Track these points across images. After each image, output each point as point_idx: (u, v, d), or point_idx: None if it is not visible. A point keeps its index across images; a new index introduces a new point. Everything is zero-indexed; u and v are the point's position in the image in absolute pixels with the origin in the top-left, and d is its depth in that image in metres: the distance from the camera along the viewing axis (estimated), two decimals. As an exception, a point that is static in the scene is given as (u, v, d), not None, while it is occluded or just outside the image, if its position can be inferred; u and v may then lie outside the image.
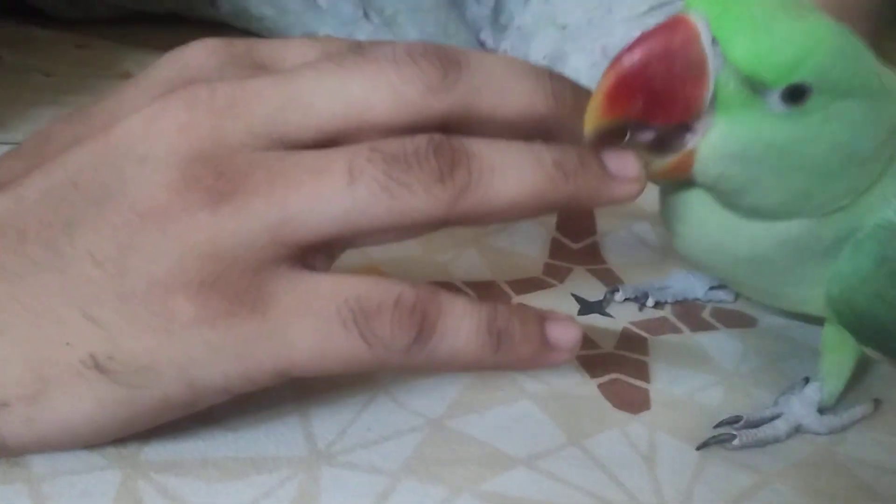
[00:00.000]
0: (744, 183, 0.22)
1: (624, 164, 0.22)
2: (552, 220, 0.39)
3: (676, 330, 0.32)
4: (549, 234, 0.38)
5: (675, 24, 0.21)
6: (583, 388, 0.28)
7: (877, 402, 0.28)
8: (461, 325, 0.20)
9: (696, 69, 0.21)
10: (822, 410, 0.27)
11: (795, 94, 0.21)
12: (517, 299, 0.32)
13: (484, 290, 0.32)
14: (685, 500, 0.24)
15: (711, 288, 0.33)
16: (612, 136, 0.22)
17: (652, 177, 0.23)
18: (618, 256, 0.36)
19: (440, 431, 0.25)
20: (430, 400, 0.26)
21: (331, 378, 0.26)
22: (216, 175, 0.19)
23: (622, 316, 0.32)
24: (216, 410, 0.22)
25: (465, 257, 0.34)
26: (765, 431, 0.26)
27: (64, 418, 0.19)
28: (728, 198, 0.23)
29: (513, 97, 0.22)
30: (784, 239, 0.24)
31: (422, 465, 0.23)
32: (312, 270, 0.21)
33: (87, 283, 0.19)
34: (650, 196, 0.26)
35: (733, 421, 0.26)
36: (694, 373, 0.30)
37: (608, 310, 0.32)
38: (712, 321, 0.33)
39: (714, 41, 0.20)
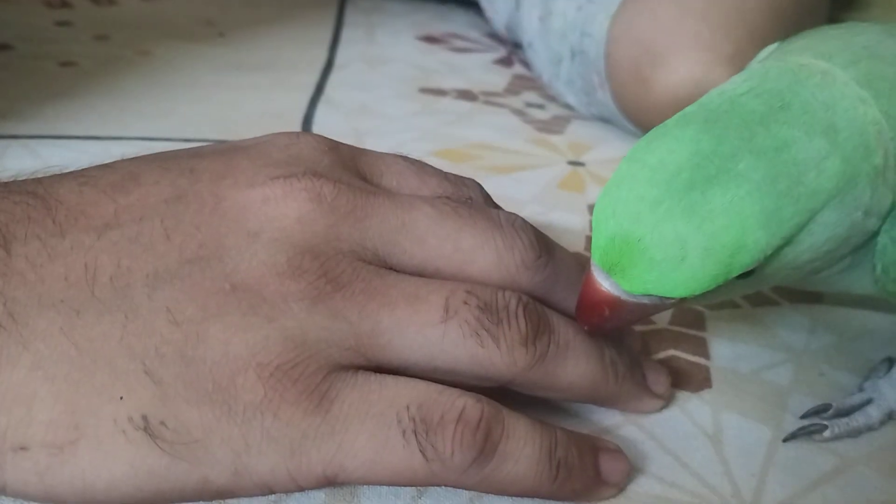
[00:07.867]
0: None
1: (659, 380, 0.23)
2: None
3: (735, 304, 0.29)
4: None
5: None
6: (636, 365, 0.25)
7: None
8: (524, 449, 0.19)
9: None
10: None
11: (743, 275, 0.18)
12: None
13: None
14: (759, 484, 0.21)
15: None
16: None
17: None
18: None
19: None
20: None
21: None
22: (321, 272, 0.19)
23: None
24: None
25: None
26: (857, 420, 0.23)
27: (86, 479, 0.17)
28: None
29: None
30: None
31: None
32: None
33: (154, 337, 0.18)
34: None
35: (821, 409, 0.23)
36: (759, 349, 0.27)
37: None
38: (774, 296, 0.30)
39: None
